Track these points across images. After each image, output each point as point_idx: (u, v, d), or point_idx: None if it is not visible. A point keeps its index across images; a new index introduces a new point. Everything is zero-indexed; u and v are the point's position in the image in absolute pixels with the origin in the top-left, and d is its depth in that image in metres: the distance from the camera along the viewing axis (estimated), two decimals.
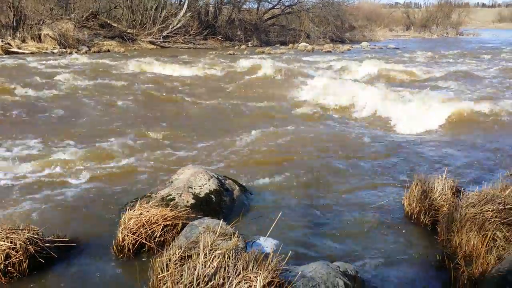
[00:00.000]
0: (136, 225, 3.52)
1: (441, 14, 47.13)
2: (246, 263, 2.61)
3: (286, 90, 11.33)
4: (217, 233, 3.08)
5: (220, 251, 2.71)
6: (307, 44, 27.90)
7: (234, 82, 12.75)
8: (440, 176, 4.37)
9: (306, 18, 31.93)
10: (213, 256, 2.66)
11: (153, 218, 3.56)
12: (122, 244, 3.51)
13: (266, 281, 2.44)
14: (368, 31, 38.81)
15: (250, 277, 2.47)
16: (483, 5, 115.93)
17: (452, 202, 3.94)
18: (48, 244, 3.37)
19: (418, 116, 8.41)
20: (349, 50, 26.90)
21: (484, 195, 3.60)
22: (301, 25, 31.87)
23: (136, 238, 3.49)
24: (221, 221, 3.28)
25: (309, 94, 10.67)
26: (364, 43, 31.07)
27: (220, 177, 4.59)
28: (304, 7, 32.09)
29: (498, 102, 9.00)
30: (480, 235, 3.27)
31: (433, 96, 9.16)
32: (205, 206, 4.12)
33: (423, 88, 11.21)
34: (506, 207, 3.35)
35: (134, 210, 3.62)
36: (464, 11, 51.93)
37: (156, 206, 3.74)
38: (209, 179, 4.38)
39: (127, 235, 3.50)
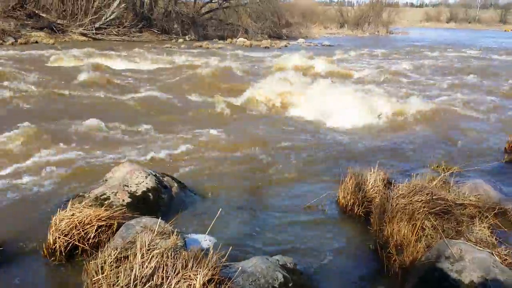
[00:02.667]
0: (68, 226, 3.35)
1: (372, 13, 49.01)
2: (185, 261, 2.57)
3: (224, 86, 11.28)
4: (155, 232, 3.00)
5: (158, 251, 2.65)
6: (245, 40, 28.03)
7: (170, 77, 12.51)
8: (372, 169, 4.55)
9: (244, 13, 32.03)
10: (151, 256, 2.59)
11: (86, 218, 3.40)
12: (53, 247, 3.33)
13: (206, 278, 2.42)
14: (304, 28, 39.64)
15: (190, 276, 2.44)
16: (412, 5, 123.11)
17: (384, 193, 4.11)
18: None
19: (353, 112, 8.70)
20: (286, 46, 27.30)
21: (413, 187, 3.79)
22: (239, 20, 31.88)
23: (68, 240, 3.32)
24: (159, 220, 3.21)
25: (247, 91, 10.67)
26: (300, 40, 31.75)
27: (158, 174, 4.48)
28: (241, 2, 32.16)
29: (425, 100, 9.51)
30: (410, 225, 3.43)
31: (364, 93, 9.52)
32: (142, 204, 4.01)
33: (357, 84, 11.64)
34: (433, 197, 3.55)
35: (66, 211, 3.45)
36: (394, 10, 54.32)
37: (89, 206, 3.58)
38: (146, 177, 4.27)
39: (59, 237, 3.32)
